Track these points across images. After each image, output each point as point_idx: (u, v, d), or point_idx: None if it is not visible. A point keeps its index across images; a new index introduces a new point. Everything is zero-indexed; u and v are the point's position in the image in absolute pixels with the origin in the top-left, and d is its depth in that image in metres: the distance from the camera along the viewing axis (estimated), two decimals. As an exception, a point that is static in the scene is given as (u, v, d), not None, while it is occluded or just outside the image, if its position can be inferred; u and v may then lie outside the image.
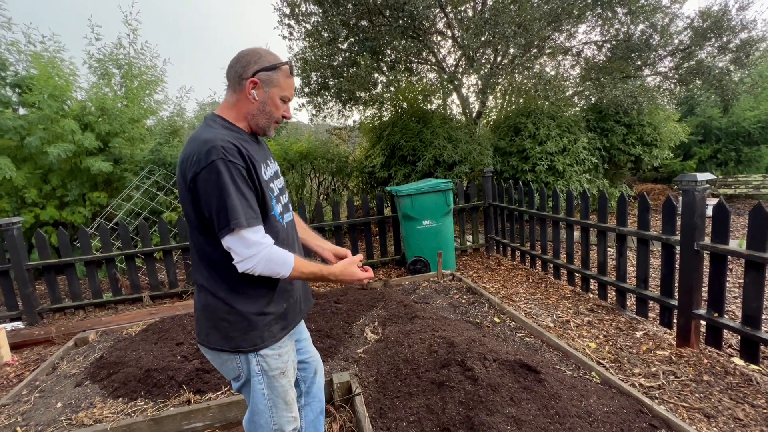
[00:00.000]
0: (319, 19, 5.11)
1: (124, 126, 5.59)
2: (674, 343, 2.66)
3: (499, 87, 6.45)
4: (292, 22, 5.27)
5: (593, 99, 7.02)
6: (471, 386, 1.70)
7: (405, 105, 6.50)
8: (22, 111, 5.27)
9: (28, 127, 4.83)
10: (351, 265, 1.26)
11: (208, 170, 1.04)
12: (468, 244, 5.22)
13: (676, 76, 6.92)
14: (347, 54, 5.36)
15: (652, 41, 6.51)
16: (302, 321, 1.58)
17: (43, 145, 4.81)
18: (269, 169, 1.25)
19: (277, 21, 5.28)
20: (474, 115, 7.51)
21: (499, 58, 6.04)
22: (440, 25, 6.45)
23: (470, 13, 5.13)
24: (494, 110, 7.92)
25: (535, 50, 4.84)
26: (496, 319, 2.86)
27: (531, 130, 6.36)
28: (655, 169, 9.05)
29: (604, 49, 6.91)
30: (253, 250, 1.05)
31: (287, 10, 5.14)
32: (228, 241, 1.05)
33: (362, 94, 5.94)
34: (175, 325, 2.97)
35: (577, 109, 7.68)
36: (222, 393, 2.21)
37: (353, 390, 2.07)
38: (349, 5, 4.96)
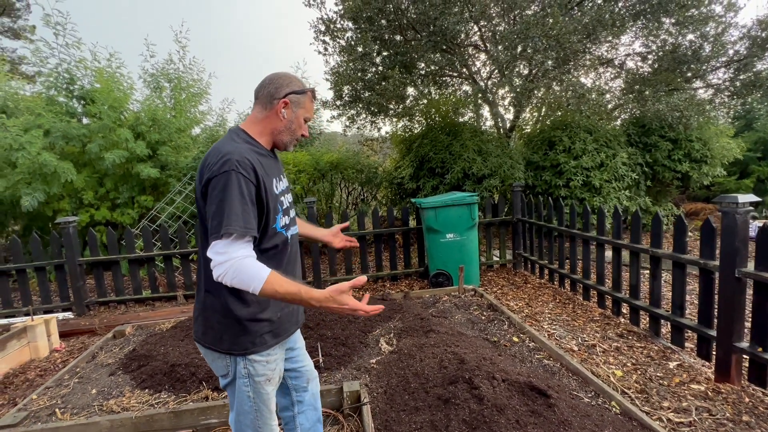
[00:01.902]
0: (353, 35, 5.29)
1: (172, 135, 6.03)
2: (712, 377, 2.45)
3: (533, 100, 6.32)
4: (327, 39, 5.50)
5: (636, 113, 6.69)
6: (476, 405, 1.66)
7: (436, 117, 6.53)
8: (85, 120, 5.83)
9: (89, 135, 5.33)
10: (341, 294, 1.11)
11: (219, 178, 1.12)
12: (495, 259, 5.10)
13: (731, 88, 6.47)
14: (379, 68, 5.49)
15: (703, 52, 6.14)
16: (298, 330, 1.64)
17: (101, 152, 5.29)
18: (281, 184, 1.33)
19: (313, 37, 5.53)
20: (507, 128, 7.39)
21: (534, 71, 5.93)
22: (475, 38, 6.45)
23: (503, 27, 5.10)
24: (529, 123, 7.75)
25: (571, 63, 4.71)
26: (515, 339, 2.77)
27: (566, 144, 6.16)
28: (706, 187, 8.42)
29: (649, 60, 6.60)
30: (225, 257, 1.08)
31: (322, 28, 5.37)
32: (213, 245, 1.10)
33: (392, 107, 6.04)
34: (202, 324, 3.14)
35: (618, 122, 7.36)
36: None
37: (362, 399, 2.09)
38: (383, 21, 5.09)
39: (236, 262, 1.08)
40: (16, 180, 4.85)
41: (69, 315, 4.10)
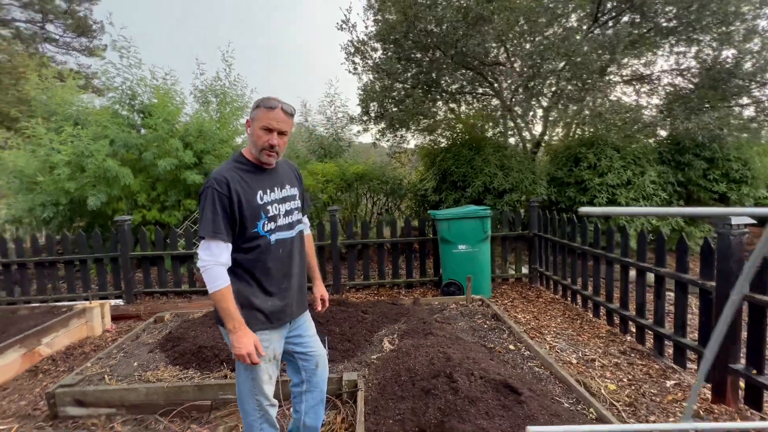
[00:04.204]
0: (381, 56, 5.65)
1: (215, 145, 6.64)
2: (709, 397, 2.46)
3: (557, 117, 6.37)
4: (357, 59, 5.90)
5: (664, 131, 6.53)
6: (452, 396, 1.86)
7: (459, 133, 6.72)
8: (142, 131, 6.58)
9: (145, 144, 6.02)
10: (249, 343, 1.48)
11: (202, 193, 1.53)
12: (510, 272, 5.17)
13: (776, 106, 6.14)
14: (406, 85, 5.80)
15: (743, 69, 5.92)
16: (309, 320, 1.92)
17: (154, 159, 5.95)
18: (273, 194, 1.63)
19: (344, 58, 5.96)
20: (532, 144, 7.43)
21: (554, 90, 6.00)
22: (502, 57, 6.62)
23: (528, 46, 5.25)
24: (555, 139, 7.73)
25: (589, 82, 4.76)
26: (511, 347, 2.90)
27: (591, 161, 6.12)
28: (752, 209, 7.92)
29: (687, 76, 6.43)
30: (205, 258, 1.49)
31: (352, 49, 5.79)
32: (200, 244, 1.51)
33: (414, 124, 6.31)
34: (229, 315, 3.52)
35: (652, 140, 7.17)
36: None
37: (358, 388, 2.33)
38: (409, 42, 5.41)
39: (208, 266, 1.49)
40: (84, 182, 5.58)
41: (120, 302, 4.66)
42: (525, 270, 5.18)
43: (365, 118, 6.13)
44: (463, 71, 5.57)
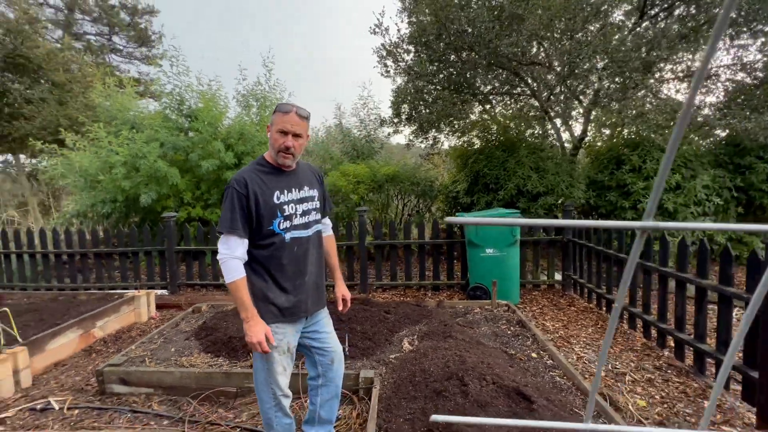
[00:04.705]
0: (413, 58, 5.68)
1: (254, 147, 6.98)
2: (753, 422, 2.26)
3: (598, 117, 6.06)
4: (389, 62, 5.97)
5: (722, 131, 6.02)
6: (461, 399, 1.86)
7: (492, 134, 6.59)
8: (190, 134, 7.06)
9: (191, 146, 6.46)
10: (260, 332, 1.60)
11: (224, 192, 1.65)
12: (542, 278, 5.00)
13: None
14: (435, 87, 5.78)
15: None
16: (327, 318, 2.00)
17: (199, 160, 6.37)
18: (291, 195, 1.73)
19: (376, 61, 6.05)
20: (572, 145, 7.12)
21: (593, 89, 5.72)
22: (540, 56, 6.41)
23: (566, 43, 5.05)
24: (597, 140, 7.35)
25: (629, 80, 4.50)
26: (534, 354, 2.82)
27: (635, 163, 5.77)
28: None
29: (749, 72, 5.89)
30: (223, 251, 1.62)
31: (384, 52, 5.86)
32: (219, 239, 1.63)
33: (446, 125, 6.27)
34: (259, 308, 3.71)
35: (707, 141, 6.62)
36: (276, 366, 2.74)
37: (374, 386, 2.38)
38: (441, 44, 5.40)
39: (225, 259, 1.61)
40: (138, 181, 6.09)
41: (165, 292, 5.04)
42: (558, 276, 4.99)
43: (396, 120, 6.18)
44: (498, 71, 5.46)
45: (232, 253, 1.62)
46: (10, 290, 5.06)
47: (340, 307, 2.03)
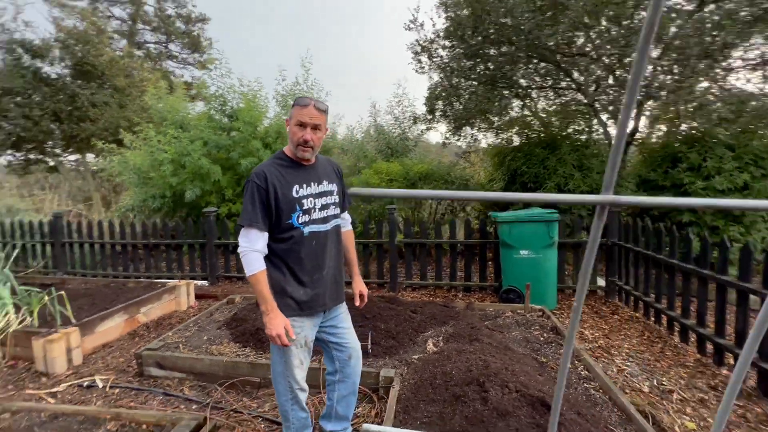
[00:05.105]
0: (447, 53, 5.54)
1: (291, 146, 7.18)
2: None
3: (651, 111, 5.59)
4: (424, 58, 5.87)
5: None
6: (480, 406, 1.76)
7: (532, 130, 6.29)
8: (232, 133, 7.38)
9: (233, 145, 6.75)
10: (280, 325, 1.60)
11: (245, 186, 1.66)
12: (584, 284, 4.68)
13: None
14: (470, 83, 5.61)
15: None
16: (345, 313, 1.98)
17: (239, 158, 6.64)
18: (309, 189, 1.72)
19: (411, 57, 5.98)
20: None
21: (655, 77, 5.26)
22: (587, 47, 6.02)
23: (614, 32, 4.69)
24: (652, 136, 6.79)
25: (688, 68, 4.07)
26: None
27: (694, 161, 5.25)
28: None
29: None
30: (243, 244, 1.63)
31: (418, 49, 5.77)
32: (240, 232, 1.64)
33: (482, 122, 6.06)
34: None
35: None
36: (299, 359, 2.77)
37: (393, 386, 2.34)
38: (478, 38, 5.22)
39: (245, 252, 1.62)
40: (184, 178, 6.46)
41: (204, 283, 5.31)
42: (601, 282, 4.65)
43: (429, 117, 6.07)
44: (538, 64, 5.19)
45: (253, 246, 1.64)
46: (73, 276, 5.56)
47: (357, 303, 2.00)
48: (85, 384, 2.78)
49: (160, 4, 18.58)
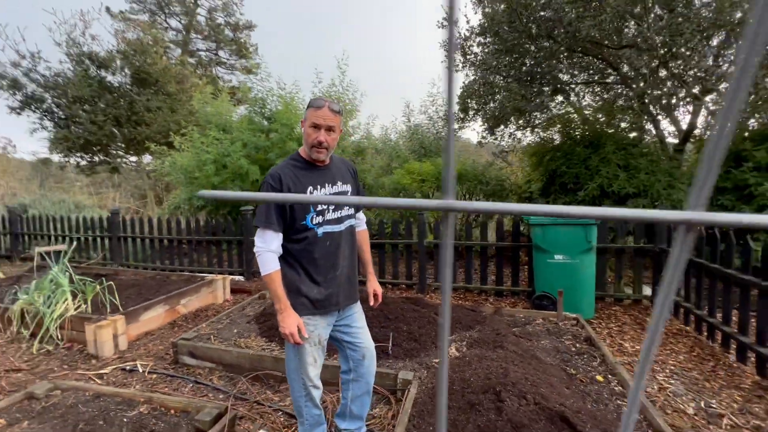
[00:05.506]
0: (482, 50, 5.38)
1: (326, 146, 7.33)
2: None
3: (713, 105, 5.09)
4: (457, 56, 5.75)
5: None
6: (494, 416, 1.68)
7: (572, 128, 5.96)
8: (271, 135, 7.67)
9: (270, 146, 7.01)
10: (293, 324, 1.64)
11: (260, 187, 1.70)
12: (627, 292, 4.36)
13: None
14: (505, 80, 5.41)
15: None
16: (360, 313, 1.98)
17: (276, 159, 6.89)
18: (324, 190, 1.74)
19: (444, 55, 5.85)
20: (678, 139, 6.10)
21: (721, 68, 4.79)
22: (638, 39, 5.60)
23: (665, 19, 4.32)
24: (714, 132, 6.18)
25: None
26: (599, 378, 2.46)
27: (761, 160, 4.73)
28: None
29: None
30: (259, 245, 1.66)
31: (452, 46, 5.64)
32: (256, 232, 1.67)
33: (520, 119, 5.82)
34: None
35: None
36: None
37: (410, 388, 2.31)
38: (515, 33, 5.03)
39: (260, 252, 1.65)
40: (225, 177, 6.81)
41: (241, 278, 5.55)
42: (647, 291, 4.31)
43: (462, 116, 5.94)
44: (583, 57, 4.90)
45: (268, 247, 1.68)
46: (126, 267, 6.04)
47: (371, 302, 2.00)
48: (128, 368, 3.00)
49: (211, 14, 19.72)
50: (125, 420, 2.06)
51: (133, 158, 13.40)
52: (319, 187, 1.75)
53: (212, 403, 2.24)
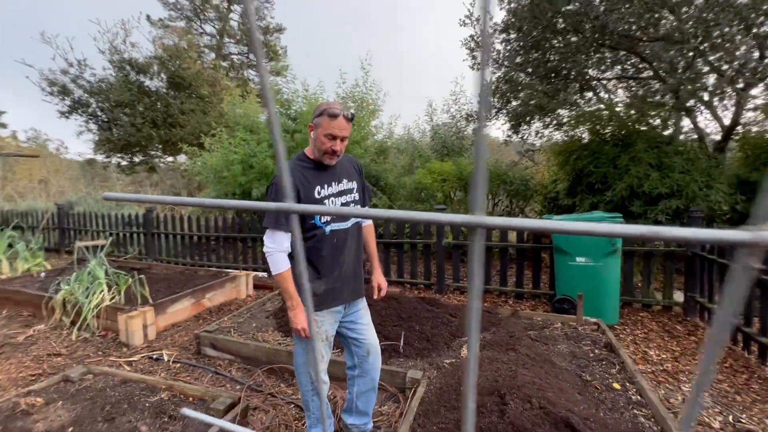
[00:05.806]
0: (504, 47, 5.27)
1: (349, 147, 7.42)
2: None
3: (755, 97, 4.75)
4: (479, 54, 5.66)
5: None
6: (497, 418, 1.67)
7: (603, 125, 5.72)
8: (296, 135, 7.85)
9: (295, 147, 7.18)
10: (304, 319, 1.70)
11: (268, 188, 1.76)
12: (657, 298, 4.15)
13: None
14: (528, 77, 5.28)
15: None
16: (365, 309, 2.02)
17: (300, 159, 7.05)
18: (331, 189, 1.77)
19: (466, 53, 5.80)
20: (721, 136, 5.73)
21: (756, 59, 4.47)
22: (675, 32, 5.30)
23: (698, 6, 4.06)
24: (758, 128, 5.76)
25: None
26: (616, 385, 2.36)
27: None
28: None
29: None
30: (269, 245, 1.71)
31: (474, 44, 5.57)
32: (265, 233, 1.72)
33: (548, 116, 5.65)
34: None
35: None
36: (339, 351, 2.87)
37: (419, 388, 2.32)
38: (539, 28, 4.90)
39: (271, 252, 1.70)
40: (251, 177, 7.04)
41: (264, 274, 5.72)
42: (678, 297, 4.08)
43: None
44: (608, 52, 4.70)
45: (279, 247, 1.74)
46: (158, 262, 6.38)
47: (376, 296, 2.03)
48: (154, 357, 3.18)
49: (243, 18, 20.38)
50: (147, 404, 2.20)
51: (170, 158, 14.11)
52: (326, 186, 1.80)
53: (227, 392, 2.34)
